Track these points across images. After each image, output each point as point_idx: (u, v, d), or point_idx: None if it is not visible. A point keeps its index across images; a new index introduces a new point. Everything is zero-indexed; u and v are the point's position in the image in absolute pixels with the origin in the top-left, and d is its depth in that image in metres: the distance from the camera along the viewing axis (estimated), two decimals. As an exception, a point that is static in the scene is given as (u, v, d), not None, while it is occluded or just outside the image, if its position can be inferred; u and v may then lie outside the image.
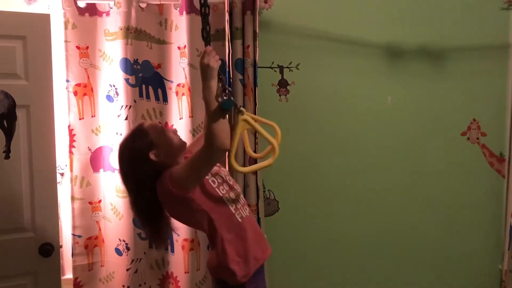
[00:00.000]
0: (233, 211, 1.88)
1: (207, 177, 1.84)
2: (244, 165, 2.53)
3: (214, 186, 1.86)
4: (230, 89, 1.67)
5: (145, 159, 1.81)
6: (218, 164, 1.98)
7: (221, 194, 1.86)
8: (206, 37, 1.72)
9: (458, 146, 2.78)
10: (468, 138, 2.79)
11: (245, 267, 1.85)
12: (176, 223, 2.01)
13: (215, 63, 1.65)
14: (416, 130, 2.77)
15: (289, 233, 2.78)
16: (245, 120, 1.76)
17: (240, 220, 1.88)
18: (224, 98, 1.62)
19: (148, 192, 1.82)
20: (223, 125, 1.63)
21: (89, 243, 2.60)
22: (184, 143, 1.96)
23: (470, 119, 2.77)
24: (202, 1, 1.71)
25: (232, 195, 1.91)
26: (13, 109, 2.20)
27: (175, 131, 2.01)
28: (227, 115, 1.66)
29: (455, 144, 2.78)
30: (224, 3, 2.48)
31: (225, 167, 2.22)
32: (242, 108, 1.76)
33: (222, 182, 1.91)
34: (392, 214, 2.81)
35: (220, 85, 1.68)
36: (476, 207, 2.81)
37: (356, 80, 2.73)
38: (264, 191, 2.74)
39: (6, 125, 2.20)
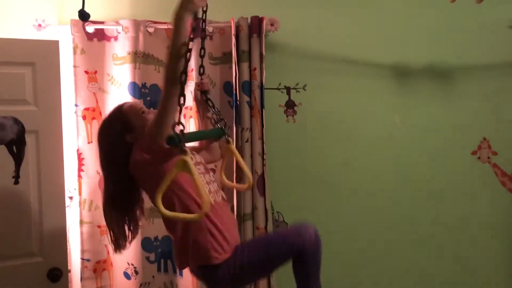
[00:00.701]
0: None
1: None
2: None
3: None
4: (183, 124, 1.61)
5: (122, 142, 1.84)
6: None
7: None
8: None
9: (468, 165, 2.75)
10: (479, 158, 2.75)
11: (219, 245, 1.78)
12: None
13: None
14: (425, 150, 2.75)
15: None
16: (184, 162, 1.59)
17: (213, 202, 1.81)
18: (218, 126, 1.63)
19: (124, 177, 1.85)
20: (179, 55, 1.59)
21: (98, 267, 2.59)
22: None
23: (481, 138, 2.75)
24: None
25: (207, 177, 1.88)
26: (23, 134, 2.23)
27: (152, 111, 1.98)
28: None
29: (466, 164, 2.75)
30: (230, 26, 2.50)
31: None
32: (229, 138, 1.86)
33: (198, 163, 1.90)
34: (403, 235, 2.77)
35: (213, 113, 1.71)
36: (488, 228, 2.76)
37: (363, 100, 2.73)
38: (272, 213, 2.72)
39: (15, 151, 2.22)
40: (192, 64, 2.53)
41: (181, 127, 1.58)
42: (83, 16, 1.47)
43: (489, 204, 2.76)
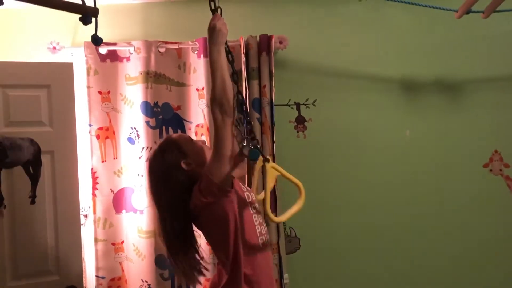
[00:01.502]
0: (258, 235, 1.77)
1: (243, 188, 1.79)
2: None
3: (253, 213, 1.79)
4: (257, 138, 1.67)
5: (177, 169, 1.73)
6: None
7: (256, 227, 1.78)
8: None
9: (480, 178, 2.74)
10: (491, 170, 2.74)
11: None
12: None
13: (223, 27, 1.60)
14: (436, 164, 2.74)
15: (311, 271, 2.75)
16: (273, 167, 1.69)
17: (261, 246, 1.77)
18: (251, 147, 1.63)
19: (182, 210, 1.71)
20: (226, 91, 1.57)
21: (113, 284, 2.61)
22: None
23: (492, 151, 2.74)
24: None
25: (259, 218, 1.82)
26: (39, 155, 2.28)
27: (203, 141, 1.97)
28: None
29: (478, 177, 2.74)
30: (240, 45, 2.54)
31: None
32: (268, 157, 1.70)
33: (252, 201, 1.83)
34: (415, 249, 2.76)
35: (244, 132, 1.70)
36: (501, 242, 2.74)
37: (373, 115, 2.74)
38: (285, 229, 2.73)
39: (32, 171, 2.27)
40: (203, 82, 2.58)
41: (254, 141, 1.63)
42: (96, 41, 1.51)
43: (502, 217, 2.74)
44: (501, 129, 2.74)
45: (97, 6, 1.51)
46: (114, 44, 2.59)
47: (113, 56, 2.60)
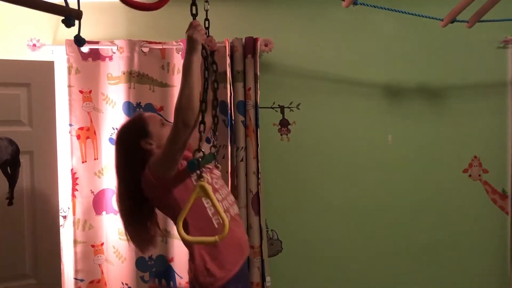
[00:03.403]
0: (211, 216, 1.79)
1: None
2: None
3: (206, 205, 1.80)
4: (203, 152, 1.63)
5: (136, 146, 1.83)
6: (209, 167, 1.91)
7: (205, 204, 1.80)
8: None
9: (460, 183, 2.78)
10: (470, 175, 2.79)
11: (220, 271, 1.78)
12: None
13: (199, 36, 1.62)
14: (417, 168, 2.78)
15: (293, 274, 2.76)
16: (202, 187, 1.61)
17: (217, 226, 1.78)
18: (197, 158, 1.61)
19: (137, 183, 1.81)
20: (192, 102, 1.59)
21: (92, 287, 2.57)
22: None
23: (471, 156, 2.78)
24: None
25: (217, 196, 1.80)
26: (17, 155, 2.23)
27: None
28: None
29: (457, 182, 2.78)
30: (225, 47, 2.52)
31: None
32: (205, 175, 1.64)
33: (209, 183, 1.81)
34: (394, 252, 2.79)
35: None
36: (479, 245, 2.79)
37: (356, 119, 2.76)
38: (267, 231, 2.73)
39: (9, 172, 2.22)
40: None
41: (201, 153, 1.61)
42: (79, 42, 1.47)
43: (480, 221, 2.79)
44: (481, 135, 2.78)
45: (80, 4, 1.47)
46: (97, 42, 2.54)
47: (95, 55, 2.55)
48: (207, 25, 1.82)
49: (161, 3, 1.45)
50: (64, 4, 1.40)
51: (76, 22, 1.46)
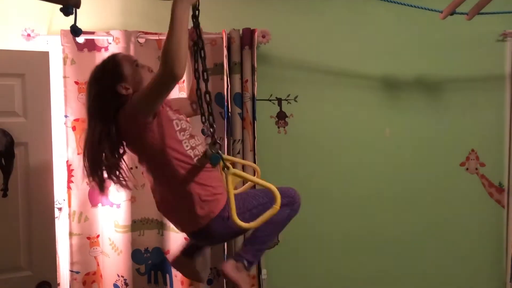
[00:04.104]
0: (192, 156, 1.76)
1: (172, 117, 1.78)
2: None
3: (176, 128, 1.78)
4: (220, 143, 1.65)
5: (112, 91, 1.75)
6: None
7: (180, 138, 1.77)
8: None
9: (457, 176, 2.79)
10: (467, 169, 2.79)
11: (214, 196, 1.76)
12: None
13: None
14: (414, 161, 2.78)
15: (289, 267, 2.77)
16: (234, 174, 1.65)
17: (191, 155, 1.76)
18: (213, 151, 1.61)
19: (108, 128, 1.74)
20: (180, 51, 1.52)
21: (87, 279, 2.56)
22: None
23: (469, 150, 2.79)
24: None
25: (191, 142, 1.80)
26: (11, 147, 2.19)
27: (150, 69, 1.90)
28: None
29: (454, 175, 2.79)
30: (222, 38, 2.50)
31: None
32: (229, 164, 1.66)
33: (183, 129, 1.81)
34: (391, 246, 2.79)
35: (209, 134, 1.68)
36: (476, 238, 2.81)
37: (354, 112, 2.75)
38: (263, 224, 2.72)
39: (4, 163, 2.19)
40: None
41: (217, 146, 1.63)
42: (75, 32, 1.45)
43: (477, 215, 2.80)
44: (478, 128, 2.79)
45: None
46: (92, 33, 2.50)
47: (91, 46, 2.52)
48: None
49: None
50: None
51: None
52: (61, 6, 1.32)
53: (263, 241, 1.88)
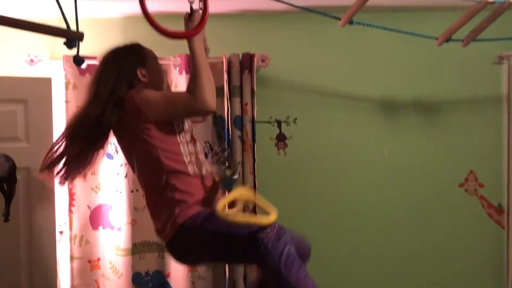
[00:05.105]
0: (185, 161, 1.69)
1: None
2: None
3: (177, 129, 1.72)
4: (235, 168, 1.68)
5: (132, 73, 1.70)
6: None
7: (179, 140, 1.71)
8: None
9: (456, 197, 2.79)
10: (466, 190, 2.80)
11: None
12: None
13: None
14: (413, 182, 2.78)
15: None
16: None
17: (190, 172, 1.68)
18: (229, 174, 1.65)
19: (106, 110, 1.64)
20: (212, 83, 1.57)
21: (88, 302, 2.56)
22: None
23: (467, 171, 2.79)
24: None
25: (190, 147, 1.73)
26: (14, 172, 2.22)
27: (168, 84, 1.90)
28: None
29: (453, 196, 2.79)
30: (222, 62, 2.54)
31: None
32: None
33: (185, 130, 1.76)
34: (391, 267, 2.79)
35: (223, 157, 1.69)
36: (476, 259, 2.79)
37: (353, 133, 2.77)
38: (264, 246, 2.72)
39: (6, 188, 2.21)
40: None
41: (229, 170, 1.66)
42: (78, 62, 1.48)
43: (476, 236, 2.79)
44: (477, 149, 2.79)
45: (78, 19, 1.48)
46: (95, 58, 2.53)
47: (93, 70, 2.51)
48: None
49: (199, 28, 1.52)
50: (65, 26, 1.41)
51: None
52: (65, 39, 1.35)
53: None
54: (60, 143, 1.73)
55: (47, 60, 2.56)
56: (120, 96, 1.66)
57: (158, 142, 1.65)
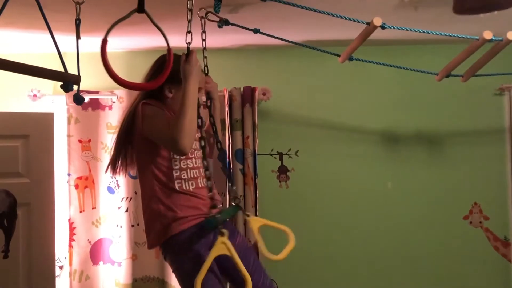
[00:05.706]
0: (174, 176, 1.72)
1: None
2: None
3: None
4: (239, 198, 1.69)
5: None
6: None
7: (171, 156, 1.72)
8: None
9: (460, 230, 2.75)
10: (471, 222, 2.76)
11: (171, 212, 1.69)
12: None
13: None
14: (417, 215, 2.75)
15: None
16: (224, 243, 1.57)
17: (178, 188, 1.71)
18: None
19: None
20: (193, 127, 1.58)
21: None
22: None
23: (472, 203, 2.76)
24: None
25: (189, 163, 1.75)
26: (14, 207, 2.21)
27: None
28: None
29: (458, 229, 2.75)
30: (224, 96, 2.55)
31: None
32: (224, 231, 1.58)
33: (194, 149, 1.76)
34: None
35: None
36: (483, 294, 2.74)
37: (355, 166, 2.76)
38: (266, 280, 2.68)
39: (6, 224, 2.20)
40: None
41: (217, 209, 1.64)
42: (78, 100, 1.48)
43: (483, 269, 2.74)
44: (480, 181, 2.77)
45: (80, 54, 1.49)
46: (97, 92, 2.56)
47: (95, 105, 2.57)
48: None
49: (157, 82, 1.47)
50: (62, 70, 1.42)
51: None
52: (62, 83, 1.36)
53: None
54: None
55: (49, 95, 2.58)
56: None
57: (152, 155, 1.73)
